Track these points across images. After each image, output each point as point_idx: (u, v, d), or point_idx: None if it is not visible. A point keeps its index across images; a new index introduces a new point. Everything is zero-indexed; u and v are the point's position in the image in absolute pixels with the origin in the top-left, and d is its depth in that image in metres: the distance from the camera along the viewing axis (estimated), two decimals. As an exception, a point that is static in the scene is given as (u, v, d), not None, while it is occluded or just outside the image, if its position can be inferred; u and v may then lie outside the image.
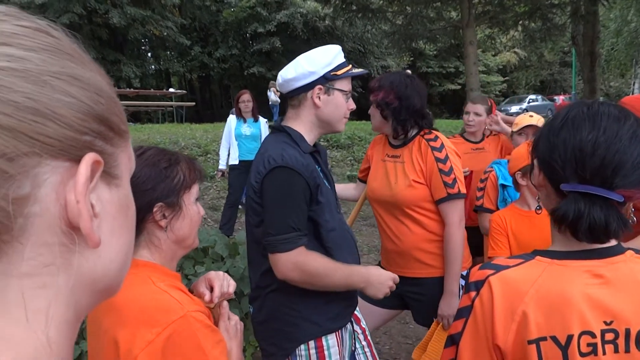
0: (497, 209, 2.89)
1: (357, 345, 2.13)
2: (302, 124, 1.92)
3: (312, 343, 1.93)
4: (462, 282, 2.49)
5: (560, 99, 30.07)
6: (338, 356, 1.97)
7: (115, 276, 0.50)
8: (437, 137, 2.39)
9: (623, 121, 1.09)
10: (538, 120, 3.18)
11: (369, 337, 2.20)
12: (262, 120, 6.38)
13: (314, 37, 24.39)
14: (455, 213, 2.35)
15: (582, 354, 1.02)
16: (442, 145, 2.36)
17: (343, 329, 2.02)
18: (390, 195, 2.41)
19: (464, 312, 1.14)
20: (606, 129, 1.06)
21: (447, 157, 2.34)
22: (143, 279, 1.20)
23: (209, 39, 26.38)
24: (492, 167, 3.12)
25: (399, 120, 2.37)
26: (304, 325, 1.92)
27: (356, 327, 2.16)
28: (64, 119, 0.41)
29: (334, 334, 1.97)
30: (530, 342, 1.04)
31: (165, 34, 22.95)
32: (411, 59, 29.39)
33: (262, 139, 6.37)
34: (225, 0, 24.83)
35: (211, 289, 1.39)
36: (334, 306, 1.96)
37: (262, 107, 7.25)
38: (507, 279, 1.10)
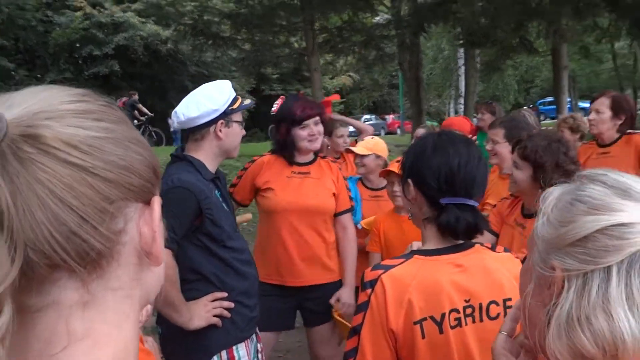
0: None
1: None
2: (204, 154, 2.14)
3: (224, 354, 2.10)
4: None
5: (390, 117, 33.06)
6: None
7: (158, 290, 0.66)
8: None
9: (470, 146, 1.52)
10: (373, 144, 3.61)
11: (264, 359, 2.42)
12: None
13: (155, 61, 23.74)
14: (352, 221, 2.85)
15: (452, 327, 1.37)
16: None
17: (249, 339, 2.24)
18: (316, 205, 2.71)
19: (362, 307, 1.41)
20: (462, 154, 1.47)
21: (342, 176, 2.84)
22: None
23: (36, 61, 24.15)
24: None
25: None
26: (214, 335, 2.08)
27: (259, 345, 2.35)
28: (139, 172, 0.56)
29: (243, 343, 2.16)
30: (415, 323, 1.36)
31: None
32: (255, 82, 30.08)
33: None
34: (54, 21, 22.99)
35: None
36: (240, 315, 2.16)
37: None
38: (395, 275, 1.40)
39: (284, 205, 2.73)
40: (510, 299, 1.42)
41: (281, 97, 3.02)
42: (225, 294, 2.09)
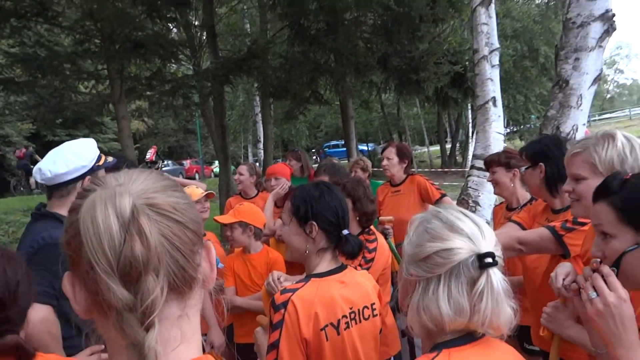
0: None
1: None
2: (66, 209, 2.22)
3: None
4: None
5: (188, 162, 32.92)
6: None
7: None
8: None
9: (338, 190, 2.03)
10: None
11: None
12: None
13: None
14: None
15: (344, 329, 1.85)
16: None
17: None
18: None
19: (278, 325, 1.77)
20: (341, 197, 1.98)
21: None
22: None
23: None
24: None
25: None
26: None
27: None
28: (200, 224, 0.84)
29: None
30: (321, 330, 1.79)
31: None
32: (35, 127, 27.23)
33: None
34: None
35: None
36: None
37: None
38: (302, 295, 1.81)
39: None
40: (374, 303, 1.96)
41: (153, 146, 3.10)
42: (102, 347, 2.18)
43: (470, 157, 23.78)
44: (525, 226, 2.75)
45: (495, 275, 1.18)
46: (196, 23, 11.57)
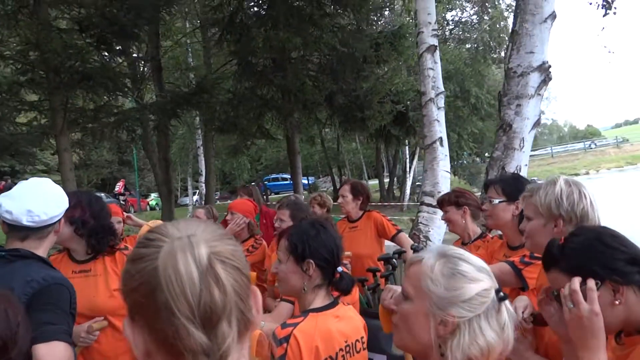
0: None
1: None
2: (43, 250, 2.16)
3: None
4: None
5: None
6: None
7: None
8: (127, 246, 2.86)
9: (330, 226, 2.12)
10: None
11: None
12: None
13: None
14: None
15: None
16: None
17: None
18: (90, 308, 2.57)
19: (280, 359, 1.80)
20: (335, 233, 2.07)
21: None
22: None
23: None
24: None
25: (97, 237, 2.66)
26: None
27: None
28: (249, 268, 0.90)
29: None
30: None
31: None
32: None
33: None
34: None
35: None
36: None
37: None
38: (303, 329, 1.86)
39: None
40: (363, 336, 2.05)
41: (122, 179, 3.03)
42: None
43: (407, 190, 24.58)
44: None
45: (510, 306, 1.34)
46: (140, 55, 11.49)
